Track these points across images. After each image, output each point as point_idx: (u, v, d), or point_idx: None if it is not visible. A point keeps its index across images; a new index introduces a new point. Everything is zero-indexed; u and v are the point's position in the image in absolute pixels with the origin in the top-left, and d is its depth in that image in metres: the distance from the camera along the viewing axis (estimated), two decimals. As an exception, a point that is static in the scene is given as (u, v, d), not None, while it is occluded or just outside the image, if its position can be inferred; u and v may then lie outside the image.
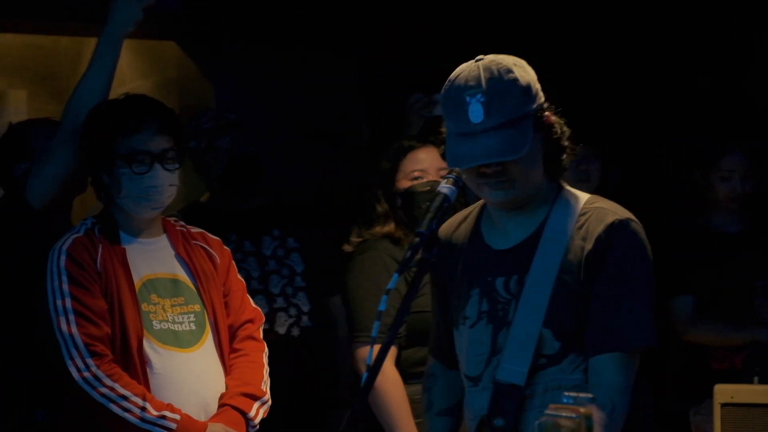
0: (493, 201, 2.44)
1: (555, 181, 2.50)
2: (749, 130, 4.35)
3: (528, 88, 2.38)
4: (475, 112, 2.34)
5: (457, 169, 2.40)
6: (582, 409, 1.93)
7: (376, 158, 3.65)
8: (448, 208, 2.37)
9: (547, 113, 2.42)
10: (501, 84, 2.35)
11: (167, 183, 3.01)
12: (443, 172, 3.43)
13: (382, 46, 4.66)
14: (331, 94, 4.76)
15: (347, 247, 3.62)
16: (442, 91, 2.42)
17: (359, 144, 4.74)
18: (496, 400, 2.37)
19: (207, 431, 2.95)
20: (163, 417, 2.90)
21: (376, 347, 2.21)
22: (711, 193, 4.21)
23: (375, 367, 2.19)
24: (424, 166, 3.53)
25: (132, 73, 5.10)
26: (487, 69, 2.37)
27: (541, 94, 2.42)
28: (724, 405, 3.46)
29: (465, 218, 2.60)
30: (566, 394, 1.99)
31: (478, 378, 2.46)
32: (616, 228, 2.38)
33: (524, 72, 2.40)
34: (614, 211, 2.43)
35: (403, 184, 3.53)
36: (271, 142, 4.47)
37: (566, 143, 2.46)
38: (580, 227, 2.41)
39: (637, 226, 2.43)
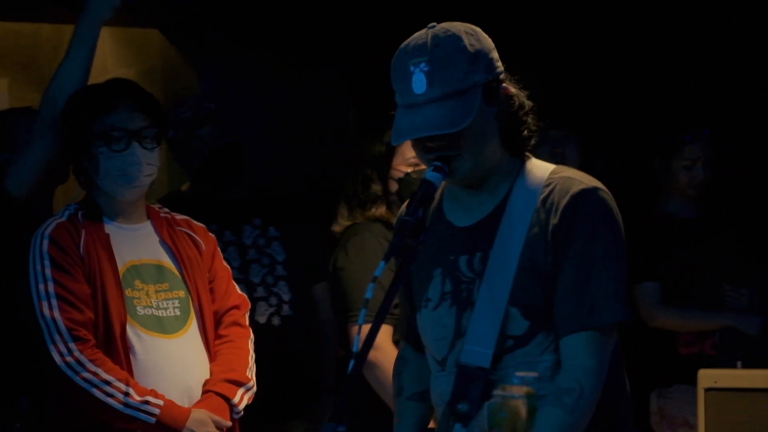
0: (451, 177, 2.26)
1: (518, 155, 2.34)
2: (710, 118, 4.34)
3: (476, 57, 2.22)
4: (418, 83, 2.19)
5: (446, 155, 2.25)
6: (525, 389, 1.86)
7: (364, 141, 3.60)
8: (434, 195, 2.25)
9: (504, 85, 2.27)
10: (446, 53, 2.20)
11: (145, 161, 2.97)
12: None
13: (370, 36, 4.62)
14: (317, 83, 4.72)
15: (336, 228, 3.56)
16: (393, 59, 2.28)
17: (344, 133, 4.70)
18: (460, 384, 2.23)
19: (190, 417, 2.92)
20: (146, 402, 2.87)
21: (363, 334, 2.09)
22: (672, 181, 4.21)
23: (361, 354, 2.07)
24: (411, 154, 3.44)
25: (115, 62, 5.06)
26: (435, 36, 2.22)
27: (497, 64, 2.26)
28: (707, 390, 3.45)
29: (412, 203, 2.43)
30: (516, 374, 1.93)
31: (443, 361, 2.32)
32: (582, 197, 2.23)
33: (475, 40, 2.24)
34: (580, 180, 2.27)
35: (402, 169, 3.47)
36: (255, 131, 4.44)
37: (527, 117, 2.29)
38: (545, 198, 2.25)
39: (605, 194, 2.27)
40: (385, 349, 3.27)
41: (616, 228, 2.26)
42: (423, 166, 3.31)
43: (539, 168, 2.34)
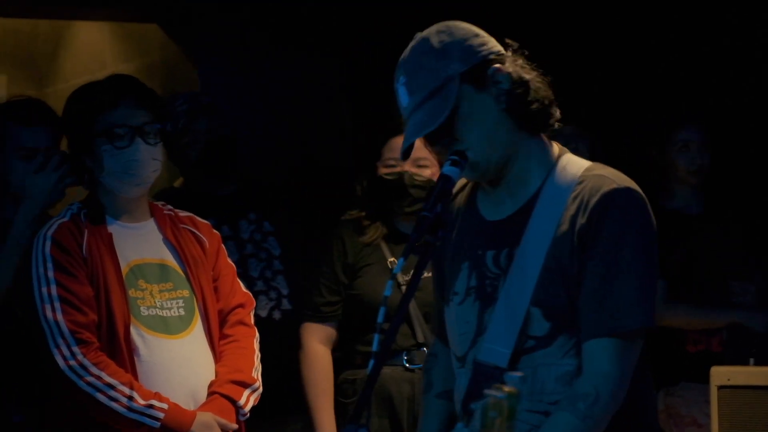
0: (466, 174, 2.20)
1: (545, 141, 2.23)
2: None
3: (445, 51, 2.16)
4: (402, 96, 2.19)
5: (460, 149, 2.17)
6: (507, 389, 1.79)
7: (359, 143, 3.55)
8: (452, 189, 2.16)
9: (495, 66, 2.17)
10: (414, 60, 2.19)
11: (150, 157, 2.92)
12: (425, 162, 3.38)
13: (366, 33, 4.53)
14: (313, 77, 4.64)
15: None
16: None
17: (340, 128, 4.62)
18: (476, 382, 2.14)
19: (195, 421, 2.84)
20: (151, 406, 2.80)
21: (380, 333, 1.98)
22: (671, 170, 4.07)
23: (381, 352, 1.96)
24: (398, 154, 3.40)
25: (114, 58, 4.98)
26: (410, 48, 2.21)
27: (480, 49, 2.18)
28: (720, 387, 3.37)
29: (462, 187, 2.37)
30: (507, 373, 1.87)
31: (463, 358, 2.24)
32: (612, 197, 2.13)
33: (446, 35, 2.18)
34: (612, 179, 2.17)
35: (382, 170, 3.45)
36: (254, 125, 4.35)
37: (533, 91, 2.17)
38: (576, 196, 2.16)
39: (637, 194, 2.16)
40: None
41: (646, 230, 2.16)
42: (398, 168, 3.28)
43: (574, 164, 2.24)
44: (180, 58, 4.67)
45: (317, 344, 3.44)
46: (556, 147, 2.28)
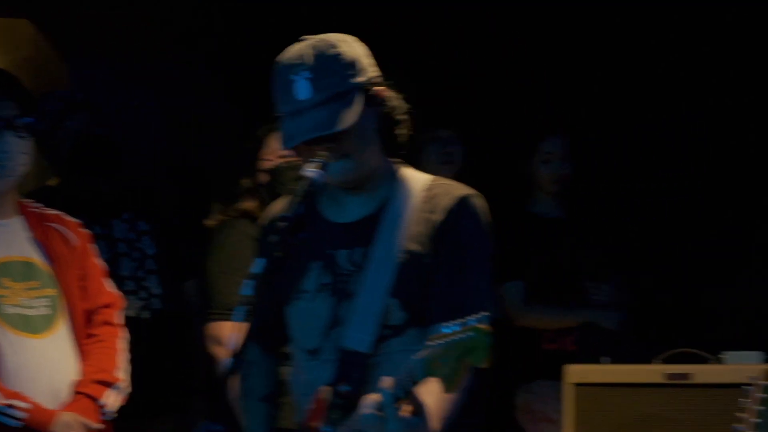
0: (334, 178, 2.34)
1: (394, 160, 2.44)
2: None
3: (353, 63, 2.33)
4: (302, 90, 2.30)
5: (325, 153, 2.31)
6: (468, 327, 1.99)
7: (242, 136, 3.55)
8: (314, 192, 2.30)
9: (379, 88, 2.37)
10: (325, 59, 2.31)
11: (19, 150, 2.88)
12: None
13: (241, 36, 4.53)
14: (193, 76, 4.61)
15: (209, 222, 3.54)
16: (273, 74, 2.37)
17: (220, 128, 4.61)
18: (342, 368, 2.31)
19: (57, 420, 2.81)
20: (11, 406, 2.77)
21: (238, 331, 2.12)
22: (535, 179, 4.25)
23: (240, 352, 2.10)
24: (277, 152, 3.43)
25: (-18, 53, 4.83)
26: (312, 47, 2.33)
27: (372, 69, 2.37)
28: (576, 385, 3.46)
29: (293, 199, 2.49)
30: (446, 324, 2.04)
31: (316, 351, 2.38)
32: (466, 202, 2.37)
33: (349, 47, 2.35)
34: (461, 187, 2.42)
35: (270, 161, 3.45)
36: (128, 123, 4.30)
37: (401, 117, 2.40)
38: (427, 200, 2.37)
39: (483, 201, 2.41)
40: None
41: (489, 233, 2.40)
42: (292, 157, 3.29)
43: (417, 175, 2.45)
44: (51, 53, 4.58)
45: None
46: (397, 160, 2.46)
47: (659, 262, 4.64)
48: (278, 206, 2.53)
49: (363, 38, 2.39)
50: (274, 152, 3.43)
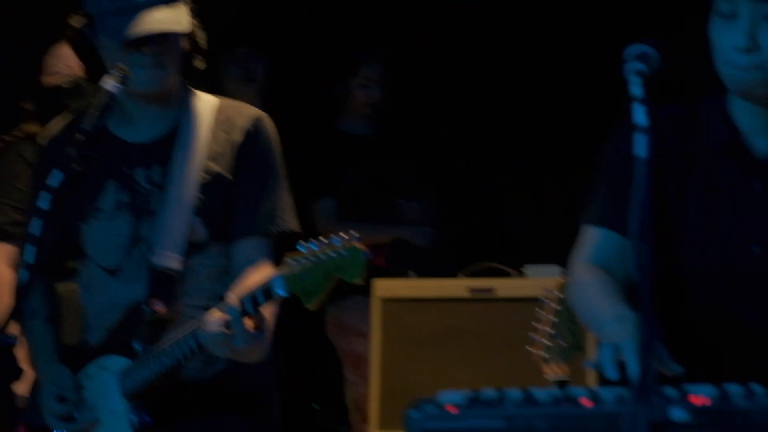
0: (144, 86, 2.34)
1: (187, 81, 2.48)
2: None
3: None
4: None
5: (122, 65, 2.27)
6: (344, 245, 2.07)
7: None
8: (113, 105, 2.26)
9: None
10: None
11: None
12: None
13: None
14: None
15: None
16: None
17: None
18: (154, 285, 2.34)
19: None
20: None
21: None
22: (349, 99, 4.27)
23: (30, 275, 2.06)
24: (67, 62, 3.32)
25: None
26: None
27: None
28: (383, 299, 3.50)
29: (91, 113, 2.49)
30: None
31: (117, 269, 2.39)
32: (262, 121, 2.43)
33: None
34: (251, 108, 2.47)
35: (49, 80, 3.33)
36: None
37: (202, 45, 2.45)
38: (222, 120, 2.42)
39: (273, 123, 2.48)
40: None
41: (280, 151, 2.47)
42: (64, 74, 3.19)
43: (207, 97, 2.48)
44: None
45: (3, 265, 3.18)
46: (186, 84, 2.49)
47: (468, 180, 4.72)
48: (58, 124, 2.51)
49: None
50: (50, 70, 3.32)
